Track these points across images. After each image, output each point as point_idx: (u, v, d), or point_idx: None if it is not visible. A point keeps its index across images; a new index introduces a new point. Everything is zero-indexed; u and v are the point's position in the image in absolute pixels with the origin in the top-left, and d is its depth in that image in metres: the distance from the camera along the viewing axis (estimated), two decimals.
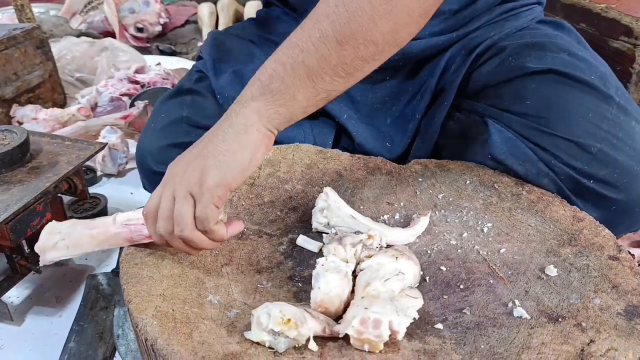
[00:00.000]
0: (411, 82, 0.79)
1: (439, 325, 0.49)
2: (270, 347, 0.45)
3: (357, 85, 0.79)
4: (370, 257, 0.53)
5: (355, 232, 0.58)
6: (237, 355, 0.45)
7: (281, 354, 0.45)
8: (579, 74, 0.66)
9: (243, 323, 0.48)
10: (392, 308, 0.46)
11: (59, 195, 0.80)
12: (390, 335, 0.45)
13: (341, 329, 0.46)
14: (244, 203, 0.65)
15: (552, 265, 0.54)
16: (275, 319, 0.44)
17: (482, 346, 0.46)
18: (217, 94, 0.81)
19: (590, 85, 0.66)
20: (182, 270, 0.54)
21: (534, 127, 0.66)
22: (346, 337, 0.46)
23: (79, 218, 0.90)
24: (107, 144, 0.99)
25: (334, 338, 0.47)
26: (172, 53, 1.82)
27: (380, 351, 0.46)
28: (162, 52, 1.82)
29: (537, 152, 0.66)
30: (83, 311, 0.73)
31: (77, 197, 0.83)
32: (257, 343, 0.46)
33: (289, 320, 0.44)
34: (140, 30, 1.87)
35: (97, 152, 0.81)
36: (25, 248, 0.78)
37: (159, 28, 1.88)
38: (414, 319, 0.48)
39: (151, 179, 0.80)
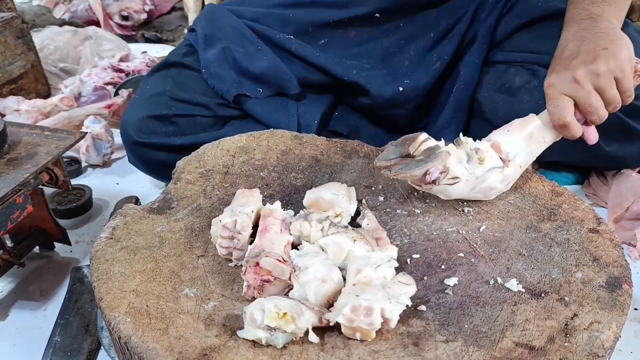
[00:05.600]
0: (432, 27, 0.76)
1: (422, 307, 0.45)
2: (268, 344, 0.41)
3: (368, 31, 0.76)
4: (333, 234, 0.49)
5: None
6: (216, 349, 0.41)
7: (266, 346, 0.41)
8: None
9: (221, 315, 0.45)
10: (384, 295, 0.42)
11: (40, 187, 0.74)
12: (382, 323, 0.42)
13: (332, 317, 0.42)
14: (218, 192, 0.60)
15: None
16: (271, 314, 0.40)
17: (466, 326, 0.43)
18: (202, 67, 0.77)
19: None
20: (156, 265, 0.49)
21: None
22: (337, 325, 0.42)
23: (63, 210, 0.84)
24: (87, 133, 0.92)
25: (329, 328, 0.43)
26: (158, 41, 1.72)
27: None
28: (148, 40, 1.72)
29: None
30: (68, 304, 0.69)
31: (59, 189, 0.77)
32: (237, 336, 0.42)
33: (284, 314, 0.40)
34: (125, 18, 1.76)
35: (77, 142, 0.74)
36: (8, 242, 0.73)
37: (144, 16, 1.78)
38: (407, 306, 0.44)
39: (132, 149, 0.79)
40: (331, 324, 0.42)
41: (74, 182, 0.92)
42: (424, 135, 0.54)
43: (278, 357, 0.40)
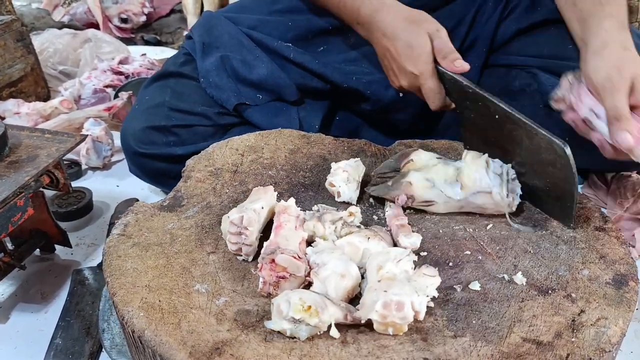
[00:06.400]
0: None
1: (431, 303, 0.47)
2: (292, 337, 0.43)
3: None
4: (347, 235, 0.52)
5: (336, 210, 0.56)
6: (228, 343, 0.43)
7: (274, 341, 0.43)
8: None
9: (232, 310, 0.47)
10: (411, 288, 0.44)
11: (41, 189, 0.76)
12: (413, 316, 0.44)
13: (363, 314, 0.44)
14: (227, 191, 0.62)
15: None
16: (295, 306, 0.42)
17: (474, 321, 0.45)
18: (200, 76, 0.79)
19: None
20: (168, 261, 0.51)
21: None
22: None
23: (63, 212, 0.86)
24: (88, 135, 0.94)
25: (355, 325, 0.44)
26: (158, 43, 1.76)
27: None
28: (147, 43, 1.76)
29: None
30: (69, 306, 0.70)
31: (60, 191, 0.79)
32: (249, 330, 0.44)
33: (309, 307, 0.42)
34: (124, 20, 1.80)
35: (77, 144, 0.77)
36: (9, 244, 0.74)
37: (143, 18, 1.82)
38: (434, 297, 0.46)
39: (133, 159, 0.82)
40: (362, 322, 0.43)
41: (74, 184, 0.94)
42: (415, 155, 0.58)
43: (289, 350, 0.42)
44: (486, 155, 0.57)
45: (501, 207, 0.55)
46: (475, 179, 0.55)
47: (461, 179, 0.55)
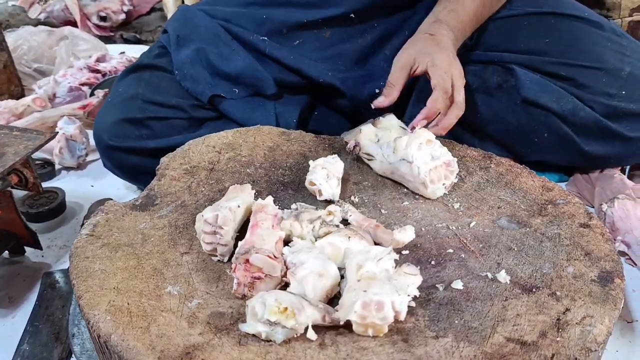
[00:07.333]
0: (408, 26, 0.79)
1: (412, 303, 0.46)
2: (267, 340, 0.42)
3: (343, 31, 0.81)
4: (326, 235, 0.51)
5: (316, 209, 0.55)
6: (199, 347, 0.41)
7: (248, 344, 0.42)
8: (578, 13, 0.72)
9: (205, 313, 0.45)
10: (391, 288, 0.43)
11: (9, 189, 0.73)
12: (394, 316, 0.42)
13: (342, 315, 0.42)
14: (203, 189, 0.60)
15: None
16: (271, 308, 0.41)
17: (456, 321, 0.45)
18: (175, 69, 0.78)
19: (595, 20, 0.72)
20: (138, 262, 0.49)
21: (563, 63, 0.70)
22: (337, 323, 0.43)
23: (34, 214, 0.83)
24: (58, 132, 0.92)
25: (334, 326, 0.43)
26: (137, 42, 1.73)
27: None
28: (127, 41, 1.73)
29: (568, 88, 0.71)
30: (38, 311, 0.68)
31: (30, 191, 0.76)
32: (222, 333, 0.42)
33: (285, 309, 0.41)
34: (103, 19, 1.77)
35: (47, 142, 0.74)
36: None
37: (122, 16, 1.80)
38: (415, 297, 0.45)
39: (106, 153, 0.81)
40: (341, 323, 0.42)
41: (48, 184, 0.92)
42: (384, 117, 0.66)
43: (264, 354, 0.41)
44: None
45: (417, 183, 0.58)
46: (403, 145, 0.58)
47: (395, 142, 0.59)
